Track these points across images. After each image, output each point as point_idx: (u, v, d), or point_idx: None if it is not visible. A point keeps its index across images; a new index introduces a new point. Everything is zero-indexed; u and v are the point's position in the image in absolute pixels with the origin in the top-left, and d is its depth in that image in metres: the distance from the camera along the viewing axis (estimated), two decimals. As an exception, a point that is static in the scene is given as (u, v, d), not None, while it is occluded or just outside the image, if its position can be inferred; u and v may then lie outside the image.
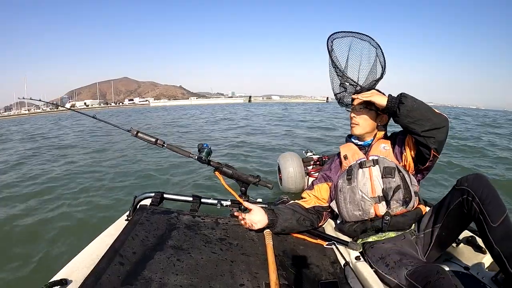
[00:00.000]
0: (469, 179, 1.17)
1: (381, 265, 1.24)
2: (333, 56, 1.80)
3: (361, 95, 1.42)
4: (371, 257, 1.31)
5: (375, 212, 1.36)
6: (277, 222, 1.37)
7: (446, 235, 1.28)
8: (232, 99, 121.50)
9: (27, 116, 51.56)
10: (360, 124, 1.50)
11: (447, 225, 1.26)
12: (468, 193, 1.14)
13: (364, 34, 1.82)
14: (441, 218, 1.27)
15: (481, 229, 1.11)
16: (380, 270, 1.23)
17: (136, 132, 1.45)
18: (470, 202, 1.13)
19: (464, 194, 1.15)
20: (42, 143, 9.39)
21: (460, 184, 1.18)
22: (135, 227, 1.21)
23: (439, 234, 1.28)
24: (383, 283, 1.17)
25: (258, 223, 1.34)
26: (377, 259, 1.28)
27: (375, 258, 1.29)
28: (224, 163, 1.51)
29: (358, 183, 1.40)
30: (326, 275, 1.19)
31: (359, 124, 1.50)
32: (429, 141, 1.25)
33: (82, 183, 4.43)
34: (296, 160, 2.65)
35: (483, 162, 5.51)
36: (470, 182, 1.16)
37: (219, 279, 1.03)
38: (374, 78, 1.78)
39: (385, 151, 1.44)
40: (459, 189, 1.18)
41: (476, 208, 1.11)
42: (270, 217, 1.36)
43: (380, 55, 1.79)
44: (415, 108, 1.24)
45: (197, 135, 10.21)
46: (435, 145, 1.26)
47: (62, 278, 0.96)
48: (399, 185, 1.34)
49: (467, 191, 1.14)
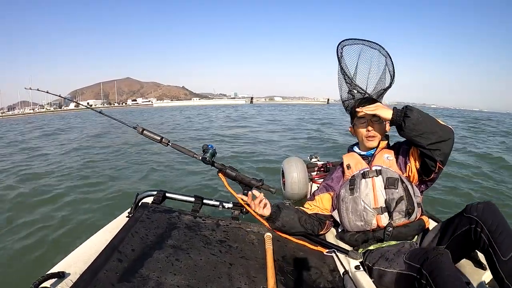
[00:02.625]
0: (478, 208, 1.12)
1: (382, 262, 1.23)
2: (342, 62, 1.79)
3: (366, 109, 1.39)
4: (371, 260, 1.30)
5: (377, 223, 1.35)
6: (279, 215, 1.38)
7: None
8: (234, 100, 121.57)
9: (32, 115, 51.86)
10: (376, 136, 1.48)
11: (451, 249, 1.20)
12: (476, 223, 1.10)
13: (374, 42, 1.82)
14: (446, 240, 1.23)
15: (491, 262, 1.07)
16: (381, 267, 1.22)
17: (142, 130, 1.45)
18: (478, 233, 1.09)
19: (473, 223, 1.11)
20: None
21: (469, 212, 1.14)
22: (136, 224, 1.21)
23: None
24: (386, 282, 1.18)
25: (265, 209, 1.37)
26: (377, 259, 1.27)
27: (375, 259, 1.28)
28: (228, 165, 1.50)
29: (361, 193, 1.38)
30: (325, 283, 1.18)
31: (376, 136, 1.48)
32: (434, 154, 1.24)
33: (85, 178, 4.47)
34: (301, 166, 2.63)
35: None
36: (479, 211, 1.11)
37: (216, 281, 1.02)
38: (383, 87, 1.77)
39: (388, 161, 1.43)
40: (467, 217, 1.14)
41: (485, 239, 1.07)
42: (273, 209, 1.38)
43: (389, 64, 1.79)
44: (421, 121, 1.23)
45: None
46: (441, 158, 1.25)
47: (59, 271, 0.96)
48: (402, 196, 1.33)
49: (475, 221, 1.10)
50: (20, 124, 20.39)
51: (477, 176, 4.64)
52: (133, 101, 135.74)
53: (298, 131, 10.81)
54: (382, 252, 1.28)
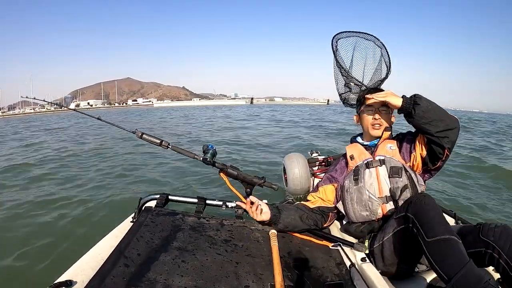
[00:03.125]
0: (496, 232, 1.07)
1: (379, 236, 1.31)
2: (338, 56, 1.79)
3: (376, 95, 1.40)
4: (375, 244, 1.32)
5: (382, 212, 1.36)
6: (280, 217, 1.38)
7: None
8: (234, 100, 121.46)
9: (33, 115, 51.80)
10: (383, 124, 1.49)
11: None
12: (493, 248, 1.05)
13: (368, 33, 1.82)
14: None
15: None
16: (379, 241, 1.29)
17: (141, 134, 1.45)
18: (496, 259, 1.05)
19: (489, 248, 1.07)
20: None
21: (486, 236, 1.08)
22: (140, 228, 1.21)
23: None
24: (387, 253, 1.23)
25: (264, 215, 1.35)
26: (378, 238, 1.32)
27: (377, 240, 1.32)
28: (229, 165, 1.51)
29: (365, 183, 1.39)
30: (332, 277, 1.18)
31: (382, 125, 1.49)
32: (443, 141, 1.25)
33: (87, 184, 4.46)
34: (302, 161, 2.63)
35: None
36: (497, 236, 1.06)
37: (224, 280, 1.02)
38: (379, 78, 1.77)
39: (391, 151, 1.44)
40: (483, 240, 1.08)
41: (504, 265, 1.03)
42: (273, 212, 1.37)
43: (385, 55, 1.79)
44: (430, 109, 1.25)
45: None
46: (449, 145, 1.26)
47: (67, 279, 0.96)
48: (406, 184, 1.34)
49: (492, 246, 1.06)
50: (20, 124, 20.34)
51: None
52: (134, 101, 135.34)
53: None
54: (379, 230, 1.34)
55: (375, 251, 1.31)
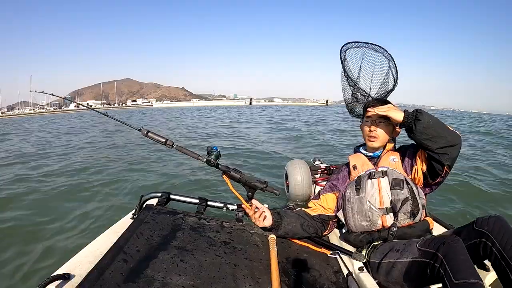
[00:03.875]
0: (489, 223, 1.13)
1: (392, 254, 1.24)
2: (345, 66, 1.80)
3: (378, 109, 1.40)
4: (378, 256, 1.30)
5: (382, 223, 1.36)
6: (281, 224, 1.37)
7: None
8: (233, 101, 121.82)
9: (32, 115, 51.99)
10: (379, 137, 1.49)
11: None
12: (487, 237, 1.11)
13: (377, 45, 1.83)
14: None
15: (504, 277, 1.07)
16: (391, 259, 1.23)
17: (146, 132, 1.46)
18: (489, 247, 1.10)
19: (483, 237, 1.12)
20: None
21: (480, 226, 1.14)
22: (141, 225, 1.22)
23: None
24: (395, 273, 1.19)
25: (266, 221, 1.35)
26: (385, 253, 1.28)
27: (382, 254, 1.29)
28: (233, 167, 1.51)
29: (367, 193, 1.39)
30: (329, 285, 1.18)
31: (379, 138, 1.49)
32: (443, 158, 1.25)
33: (89, 180, 4.48)
34: (304, 168, 2.64)
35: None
36: (490, 226, 1.12)
37: (221, 282, 1.02)
38: (386, 89, 1.78)
39: (394, 163, 1.44)
40: (478, 230, 1.14)
41: (496, 254, 1.08)
42: (275, 218, 1.36)
43: (392, 67, 1.80)
44: (431, 125, 1.24)
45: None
46: (449, 162, 1.26)
47: (65, 272, 0.96)
48: (407, 197, 1.34)
49: (486, 235, 1.11)
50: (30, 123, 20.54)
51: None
52: (133, 102, 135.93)
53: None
54: (390, 246, 1.29)
55: (383, 265, 1.27)
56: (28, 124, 20.62)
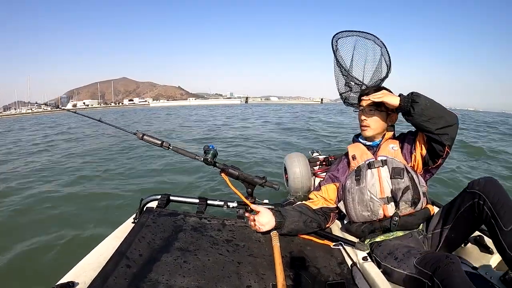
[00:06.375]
0: (480, 183, 1.17)
1: (390, 260, 1.24)
2: (338, 55, 1.79)
3: (372, 96, 1.39)
4: (379, 255, 1.31)
5: (383, 213, 1.36)
6: (284, 224, 1.35)
7: (455, 237, 1.28)
8: (229, 100, 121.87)
9: (31, 115, 51.67)
10: (371, 126, 1.47)
11: (457, 227, 1.26)
12: (479, 196, 1.15)
13: (368, 33, 1.82)
14: (451, 219, 1.27)
15: (493, 233, 1.11)
16: (390, 265, 1.23)
17: (141, 135, 1.45)
18: (481, 205, 1.14)
19: (476, 197, 1.16)
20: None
21: (472, 187, 1.19)
22: (142, 229, 1.21)
23: (448, 235, 1.28)
24: (393, 279, 1.18)
25: (266, 225, 1.32)
26: (385, 255, 1.28)
27: (383, 255, 1.29)
28: (230, 165, 1.51)
29: (367, 183, 1.39)
30: (333, 276, 1.18)
31: (370, 126, 1.47)
32: (443, 138, 1.25)
33: (88, 185, 4.46)
34: (303, 161, 2.63)
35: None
36: (481, 185, 1.16)
37: (226, 280, 1.02)
38: (380, 77, 1.77)
39: (393, 152, 1.43)
40: (470, 192, 1.19)
41: (487, 211, 1.12)
42: (277, 219, 1.34)
43: (385, 54, 1.79)
44: (429, 106, 1.24)
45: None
46: (449, 142, 1.26)
47: (69, 280, 0.96)
48: (408, 185, 1.34)
49: (478, 194, 1.15)
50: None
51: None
52: (130, 101, 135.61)
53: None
54: (390, 249, 1.28)
55: (381, 266, 1.26)
56: (38, 123, 20.45)
